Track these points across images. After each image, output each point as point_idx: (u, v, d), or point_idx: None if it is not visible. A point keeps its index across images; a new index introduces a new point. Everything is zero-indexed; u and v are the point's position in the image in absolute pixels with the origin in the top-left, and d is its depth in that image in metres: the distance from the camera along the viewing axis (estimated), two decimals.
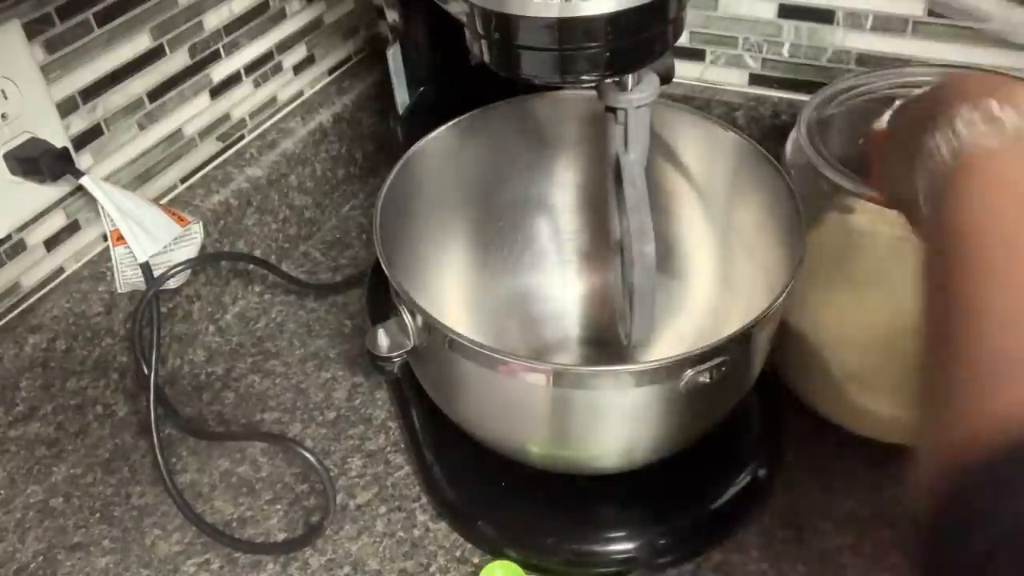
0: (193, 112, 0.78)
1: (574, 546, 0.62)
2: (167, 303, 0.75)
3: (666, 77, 0.59)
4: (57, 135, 0.65)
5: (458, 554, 0.63)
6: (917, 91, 0.53)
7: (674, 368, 0.52)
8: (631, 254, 0.57)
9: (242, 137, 0.84)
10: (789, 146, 0.67)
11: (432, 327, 0.56)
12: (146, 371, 0.67)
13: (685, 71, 0.87)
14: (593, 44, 0.47)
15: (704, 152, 0.69)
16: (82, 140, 0.69)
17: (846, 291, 0.63)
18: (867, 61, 0.79)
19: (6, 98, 0.61)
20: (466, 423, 0.62)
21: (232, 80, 0.81)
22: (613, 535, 0.62)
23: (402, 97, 0.74)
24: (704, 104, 0.86)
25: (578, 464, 0.61)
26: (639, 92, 0.54)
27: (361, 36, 0.94)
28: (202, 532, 0.64)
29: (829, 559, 0.61)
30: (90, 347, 0.69)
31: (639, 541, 0.62)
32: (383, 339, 0.59)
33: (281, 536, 0.65)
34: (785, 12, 0.80)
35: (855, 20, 0.78)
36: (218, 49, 0.78)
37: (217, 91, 0.79)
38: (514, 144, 0.71)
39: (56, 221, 0.68)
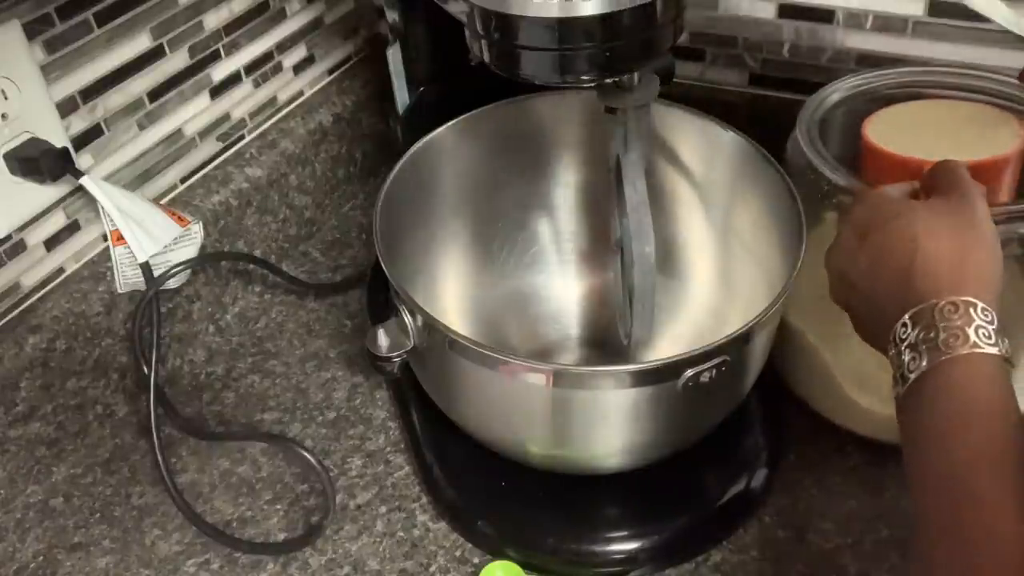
0: (193, 112, 0.78)
1: (574, 546, 0.62)
2: (167, 303, 0.75)
3: (666, 77, 0.59)
4: (57, 135, 0.65)
5: (458, 554, 0.63)
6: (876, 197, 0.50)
7: (674, 368, 0.52)
8: (631, 254, 0.57)
9: (242, 137, 0.84)
10: (789, 146, 0.67)
11: (432, 327, 0.56)
12: (146, 371, 0.67)
13: (685, 71, 0.87)
14: (593, 44, 0.47)
15: (704, 152, 0.69)
16: (82, 140, 0.69)
17: None
18: (867, 61, 0.79)
19: (6, 98, 0.61)
20: (466, 423, 0.62)
21: (232, 80, 0.80)
22: (613, 535, 0.62)
23: (402, 97, 0.74)
24: (704, 104, 0.86)
25: (578, 464, 0.61)
26: (639, 92, 0.54)
27: (361, 36, 0.94)
28: (202, 532, 0.64)
29: (829, 559, 0.61)
30: (90, 347, 0.69)
31: (639, 541, 0.62)
32: (383, 339, 0.59)
33: (281, 536, 0.65)
34: (785, 12, 0.80)
35: (855, 20, 0.78)
36: (218, 49, 0.78)
37: (217, 91, 0.79)
38: (514, 144, 0.71)
39: (56, 221, 0.68)
